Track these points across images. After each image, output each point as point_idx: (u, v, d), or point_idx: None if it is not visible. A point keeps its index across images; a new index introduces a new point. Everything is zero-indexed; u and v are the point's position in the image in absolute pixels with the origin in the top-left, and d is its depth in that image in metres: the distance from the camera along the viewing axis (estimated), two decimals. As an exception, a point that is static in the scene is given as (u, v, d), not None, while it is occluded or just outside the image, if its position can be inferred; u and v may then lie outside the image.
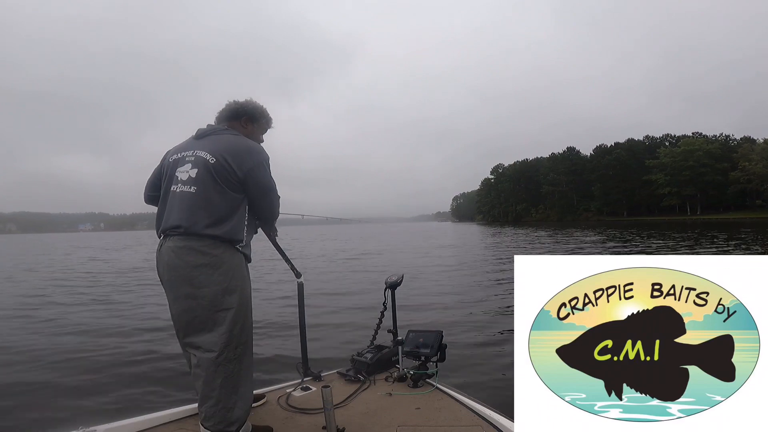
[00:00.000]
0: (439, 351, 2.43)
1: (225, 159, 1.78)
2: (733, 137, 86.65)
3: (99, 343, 4.91)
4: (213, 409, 1.68)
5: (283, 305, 6.84)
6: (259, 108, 2.04)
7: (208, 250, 1.73)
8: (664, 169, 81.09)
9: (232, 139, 1.86)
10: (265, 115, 2.07)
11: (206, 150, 1.81)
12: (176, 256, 1.74)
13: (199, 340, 1.72)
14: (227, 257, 1.76)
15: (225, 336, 1.71)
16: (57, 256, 22.70)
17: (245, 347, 1.78)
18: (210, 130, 1.91)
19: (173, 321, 1.81)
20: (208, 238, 1.73)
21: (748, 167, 69.99)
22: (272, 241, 2.16)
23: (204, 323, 1.72)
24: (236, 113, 1.99)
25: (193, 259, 1.72)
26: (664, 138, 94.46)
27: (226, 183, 1.77)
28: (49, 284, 10.72)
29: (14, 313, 6.90)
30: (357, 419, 1.95)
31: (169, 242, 1.77)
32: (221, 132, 1.90)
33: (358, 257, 16.46)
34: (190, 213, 1.75)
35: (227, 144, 1.83)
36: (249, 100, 2.04)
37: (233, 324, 1.73)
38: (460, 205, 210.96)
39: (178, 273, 1.73)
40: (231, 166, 1.77)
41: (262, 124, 2.07)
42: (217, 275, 1.72)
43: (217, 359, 1.69)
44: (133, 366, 4.03)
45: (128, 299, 7.90)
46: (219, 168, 1.77)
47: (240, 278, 1.79)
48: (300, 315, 2.40)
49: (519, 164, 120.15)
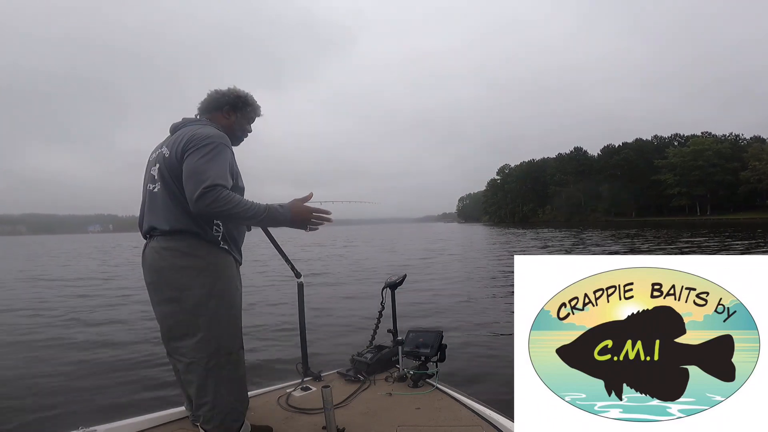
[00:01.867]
0: (439, 351, 2.42)
1: (176, 150, 1.64)
2: (743, 136, 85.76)
3: (99, 343, 4.95)
4: (210, 414, 1.66)
5: (282, 305, 6.86)
6: (242, 96, 1.89)
7: (191, 251, 1.64)
8: (673, 169, 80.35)
9: (194, 129, 1.70)
10: (250, 103, 1.92)
11: (168, 144, 1.71)
12: (159, 257, 1.67)
13: (184, 345, 1.66)
14: (212, 258, 1.67)
15: (213, 341, 1.64)
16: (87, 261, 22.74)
17: (236, 351, 1.72)
18: (181, 123, 1.80)
19: (159, 324, 1.74)
20: (191, 238, 1.65)
21: (758, 167, 69.19)
22: (272, 240, 2.15)
23: (189, 327, 1.64)
24: (218, 104, 1.86)
25: (176, 261, 1.64)
26: (673, 138, 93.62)
27: (178, 177, 1.62)
28: (60, 285, 10.83)
29: (16, 314, 6.99)
30: (357, 419, 1.95)
31: (153, 243, 1.71)
32: (190, 123, 1.78)
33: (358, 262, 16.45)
34: (157, 212, 1.69)
35: (185, 134, 1.67)
36: (232, 88, 1.90)
37: (220, 328, 1.66)
38: (466, 206, 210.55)
39: (161, 275, 1.67)
40: (177, 155, 1.63)
41: (246, 113, 1.92)
42: (202, 277, 1.64)
43: (207, 365, 1.63)
44: (133, 366, 4.06)
45: (129, 299, 7.95)
46: (171, 161, 1.65)
47: (226, 280, 1.70)
48: (300, 315, 2.40)
49: (525, 165, 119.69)
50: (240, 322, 1.77)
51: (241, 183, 1.78)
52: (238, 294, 1.78)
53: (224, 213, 1.53)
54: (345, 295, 8.05)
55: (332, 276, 11.10)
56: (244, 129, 1.94)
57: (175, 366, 1.76)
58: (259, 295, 7.97)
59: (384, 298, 2.67)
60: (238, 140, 1.95)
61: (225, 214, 1.53)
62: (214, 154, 1.59)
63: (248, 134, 1.99)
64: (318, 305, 6.81)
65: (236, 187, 1.71)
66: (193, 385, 1.67)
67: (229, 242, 1.75)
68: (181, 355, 1.68)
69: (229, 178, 1.61)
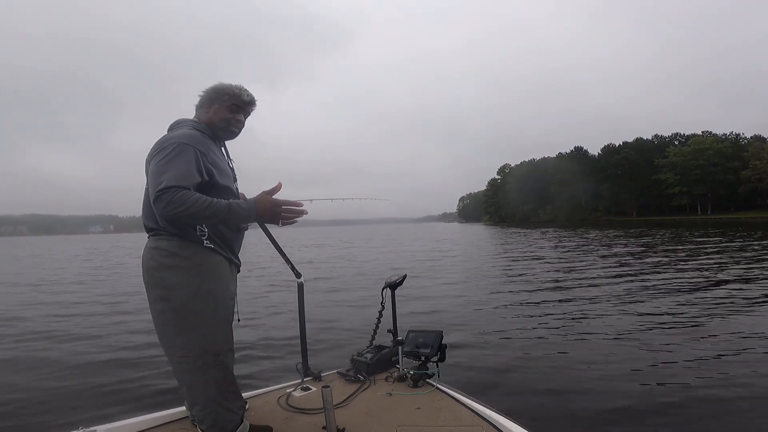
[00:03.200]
0: (439, 351, 2.42)
1: (149, 155, 1.67)
2: (743, 135, 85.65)
3: (99, 342, 4.96)
4: (202, 414, 1.67)
5: (282, 305, 6.86)
6: (219, 87, 1.83)
7: (178, 251, 1.64)
8: (674, 169, 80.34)
9: (166, 134, 1.73)
10: (226, 92, 1.82)
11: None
12: (149, 256, 1.68)
13: (174, 344, 1.66)
14: (198, 258, 1.66)
15: (199, 341, 1.64)
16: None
17: (223, 353, 1.71)
18: (172, 125, 1.82)
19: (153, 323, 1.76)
20: (176, 238, 1.65)
21: (759, 166, 69.13)
22: (272, 240, 2.15)
23: (176, 327, 1.64)
24: (201, 101, 1.85)
25: (164, 260, 1.64)
26: (674, 137, 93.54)
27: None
28: (61, 286, 10.85)
29: (19, 313, 7.00)
30: (357, 419, 1.94)
31: (147, 242, 1.73)
32: (176, 126, 1.79)
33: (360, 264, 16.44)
34: (144, 213, 1.72)
35: (158, 139, 1.70)
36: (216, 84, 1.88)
37: (206, 328, 1.65)
38: (467, 206, 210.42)
39: (151, 274, 1.67)
40: (148, 161, 1.67)
41: (224, 101, 1.82)
42: (189, 277, 1.63)
43: (194, 364, 1.64)
44: (134, 366, 4.06)
45: (130, 298, 7.96)
46: (147, 165, 1.69)
47: (214, 280, 1.69)
48: (300, 315, 2.39)
49: (526, 164, 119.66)
50: (229, 323, 1.76)
51: (222, 181, 1.73)
52: (228, 295, 1.76)
53: (182, 214, 1.50)
54: (345, 294, 8.05)
55: (332, 275, 11.10)
56: (227, 120, 1.84)
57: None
58: (259, 295, 7.97)
59: (384, 298, 2.66)
60: (229, 133, 1.88)
61: (183, 214, 1.50)
62: (171, 156, 1.58)
63: (240, 126, 1.89)
64: (318, 305, 6.82)
65: (213, 185, 1.68)
66: (184, 384, 1.69)
67: (218, 242, 1.72)
68: (172, 354, 1.69)
69: (193, 177, 1.58)
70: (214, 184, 1.68)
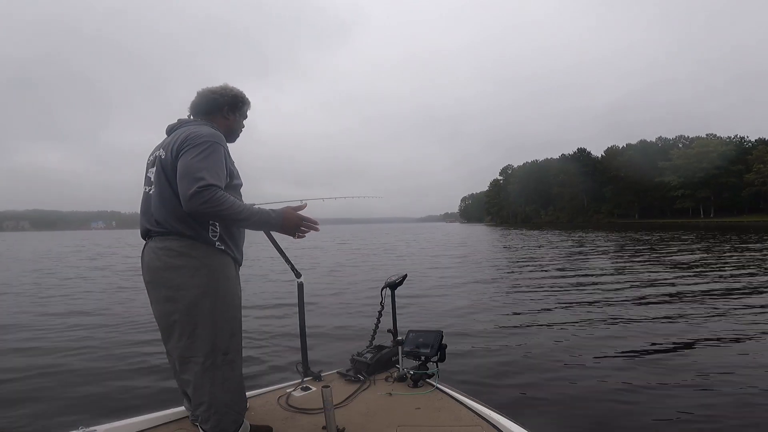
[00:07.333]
0: (439, 351, 2.41)
1: (172, 150, 1.65)
2: (747, 139, 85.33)
3: (99, 342, 4.96)
4: (207, 414, 1.66)
5: (282, 305, 6.86)
6: (238, 95, 1.90)
7: (187, 251, 1.64)
8: (677, 171, 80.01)
9: (189, 128, 1.70)
10: (246, 101, 1.94)
11: (164, 146, 1.71)
12: (156, 257, 1.67)
13: (181, 344, 1.65)
14: (208, 259, 1.66)
15: (208, 341, 1.64)
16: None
17: (232, 352, 1.71)
18: (177, 124, 1.81)
19: (157, 323, 1.75)
20: (187, 239, 1.64)
21: (763, 169, 68.88)
22: (272, 241, 2.14)
23: (184, 327, 1.64)
24: (216, 104, 1.85)
25: (172, 261, 1.63)
26: (677, 139, 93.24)
27: (174, 177, 1.62)
28: (59, 282, 10.87)
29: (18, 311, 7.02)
30: (357, 419, 1.94)
31: (150, 243, 1.71)
32: (186, 124, 1.78)
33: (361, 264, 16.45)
34: (151, 215, 1.70)
35: (181, 134, 1.67)
36: (224, 85, 1.89)
37: (215, 328, 1.65)
38: (469, 206, 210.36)
39: (157, 275, 1.67)
40: (173, 154, 1.63)
41: (244, 111, 1.95)
42: (197, 277, 1.63)
43: (203, 365, 1.63)
44: (134, 366, 4.06)
45: (130, 298, 7.97)
46: (166, 162, 1.66)
47: (223, 280, 1.68)
48: (300, 315, 2.39)
49: (528, 165, 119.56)
50: (238, 322, 1.76)
51: (237, 181, 1.77)
52: (236, 295, 1.77)
53: (216, 213, 1.52)
54: (345, 295, 8.04)
55: (332, 275, 11.10)
56: (241, 127, 1.97)
57: (174, 365, 1.76)
58: (260, 295, 7.97)
59: (384, 298, 2.66)
60: (236, 137, 1.97)
61: (217, 214, 1.53)
62: (208, 153, 1.58)
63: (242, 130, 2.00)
64: (318, 305, 6.81)
65: (231, 186, 1.71)
66: (190, 384, 1.68)
67: (228, 242, 1.74)
68: (178, 355, 1.68)
69: (224, 177, 1.61)
70: (232, 185, 1.72)
